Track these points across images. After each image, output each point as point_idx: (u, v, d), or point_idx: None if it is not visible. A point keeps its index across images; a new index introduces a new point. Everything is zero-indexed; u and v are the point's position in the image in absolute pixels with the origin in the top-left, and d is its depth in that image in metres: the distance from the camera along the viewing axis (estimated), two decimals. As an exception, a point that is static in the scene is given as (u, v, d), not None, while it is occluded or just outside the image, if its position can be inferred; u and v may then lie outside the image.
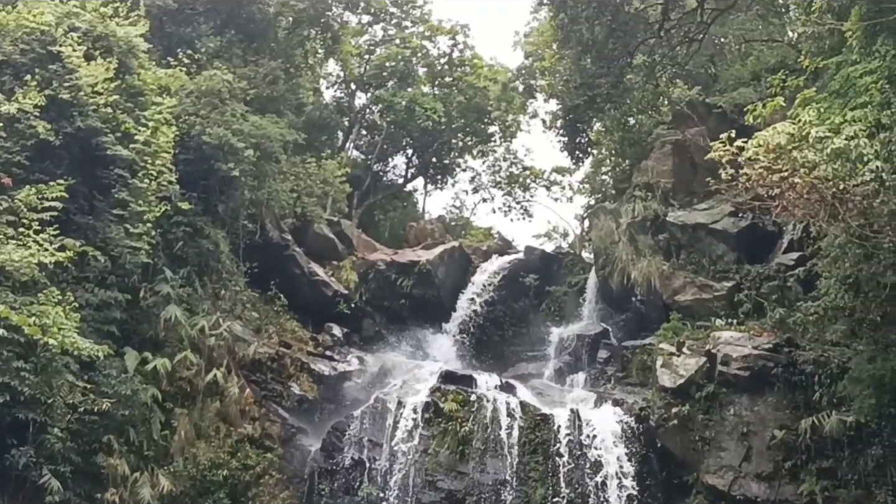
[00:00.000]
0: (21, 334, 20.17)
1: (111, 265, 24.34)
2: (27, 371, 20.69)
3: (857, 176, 17.70)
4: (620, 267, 33.80)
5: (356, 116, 50.98)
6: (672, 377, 26.78)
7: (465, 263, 39.01)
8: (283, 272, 33.46)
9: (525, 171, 56.34)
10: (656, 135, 36.32)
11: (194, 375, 26.70)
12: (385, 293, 37.16)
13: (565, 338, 35.06)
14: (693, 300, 30.93)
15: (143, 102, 26.83)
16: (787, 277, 28.85)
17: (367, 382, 31.24)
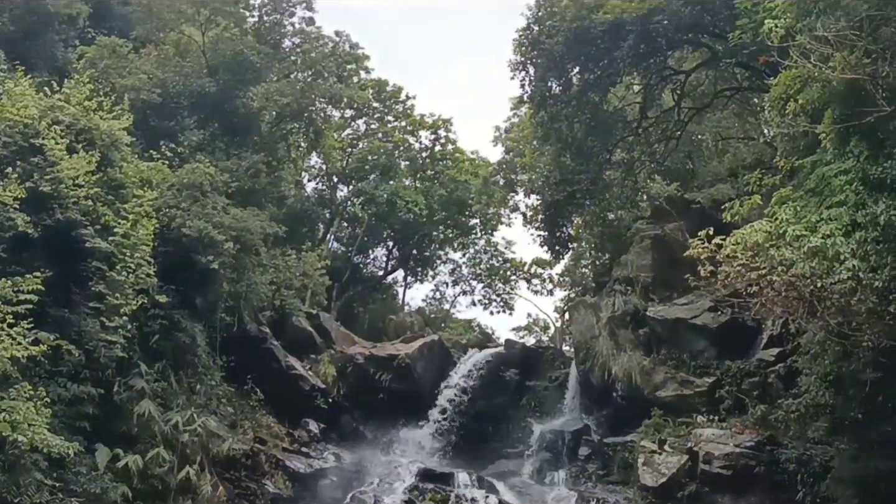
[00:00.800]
0: (-11, 431, 19.75)
1: (85, 359, 23.95)
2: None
3: (835, 274, 17.77)
4: (601, 362, 33.66)
5: (337, 209, 51.20)
6: (654, 476, 26.43)
7: (444, 357, 38.76)
8: (261, 366, 33.11)
9: (505, 264, 56.56)
10: (636, 229, 36.56)
11: (166, 473, 26.03)
12: (363, 388, 36.76)
13: (546, 434, 34.70)
14: (674, 396, 30.73)
15: (124, 195, 26.78)
16: (768, 374, 28.77)
17: (344, 480, 30.68)
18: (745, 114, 36.76)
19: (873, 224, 17.02)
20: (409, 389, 36.75)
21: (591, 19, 29.33)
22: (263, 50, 36.38)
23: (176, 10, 37.47)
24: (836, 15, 16.97)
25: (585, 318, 35.83)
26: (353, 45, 45.88)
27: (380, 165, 51.35)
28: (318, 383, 34.80)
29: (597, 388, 34.41)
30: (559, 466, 32.53)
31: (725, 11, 27.92)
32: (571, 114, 28.96)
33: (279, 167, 38.57)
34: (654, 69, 32.13)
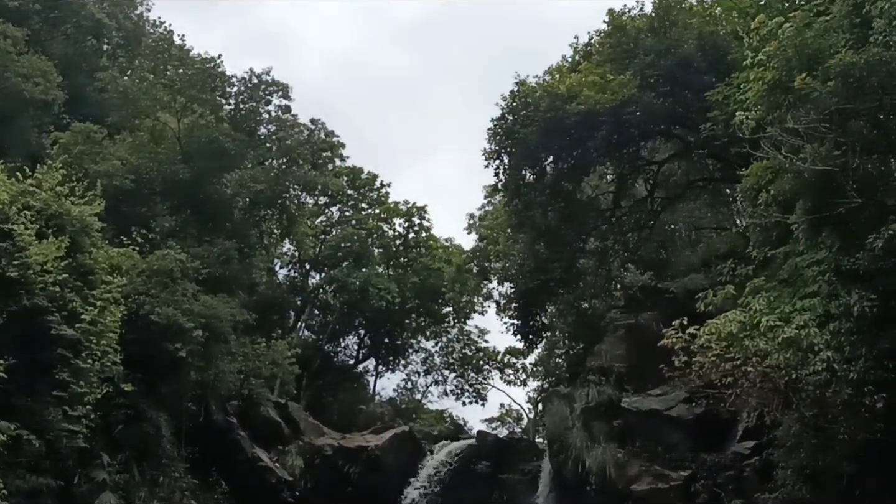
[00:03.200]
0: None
1: (46, 449, 23.34)
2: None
3: (809, 365, 17.72)
4: (574, 454, 33.10)
5: (309, 296, 50.88)
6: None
7: (415, 449, 38.12)
8: (227, 457, 32.40)
9: (479, 353, 56.20)
10: (609, 318, 36.47)
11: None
12: (331, 480, 35.94)
13: (519, 533, 33.99)
14: (649, 490, 30.17)
15: (93, 281, 26.50)
16: (744, 467, 28.33)
17: None
18: (717, 204, 37.12)
19: (847, 315, 17.02)
20: (379, 482, 36.00)
21: (565, 109, 29.68)
22: (238, 137, 36.50)
23: (152, 97, 37.67)
24: (807, 108, 17.23)
25: (559, 410, 35.36)
26: (329, 132, 46.23)
27: (353, 253, 51.24)
28: (285, 476, 34.06)
29: (570, 480, 33.77)
30: (533, 564, 31.78)
31: (697, 103, 28.36)
32: (545, 202, 29.12)
33: (251, 254, 38.38)
34: (628, 159, 32.47)
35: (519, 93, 32.03)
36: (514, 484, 36.94)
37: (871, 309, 16.56)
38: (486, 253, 46.85)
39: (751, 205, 20.10)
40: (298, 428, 37.28)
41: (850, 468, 20.62)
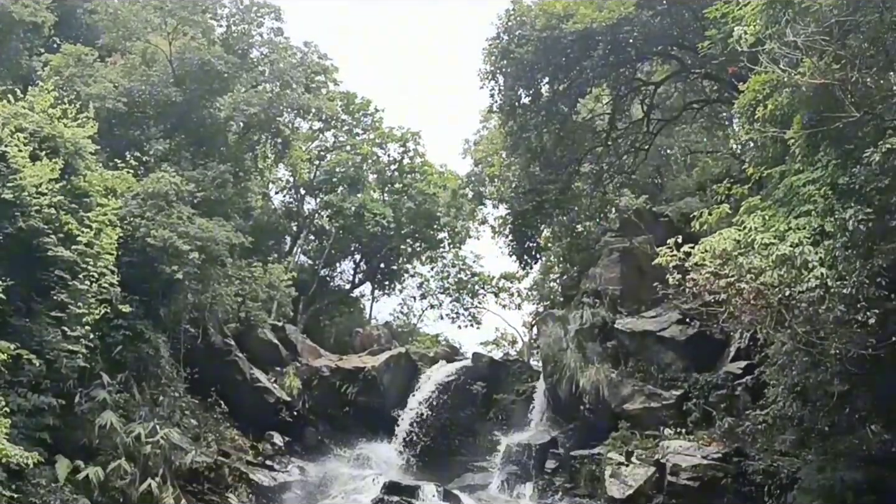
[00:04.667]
0: (-53, 441, 19.32)
1: (46, 369, 23.57)
2: (-47, 485, 19.74)
3: (803, 283, 17.80)
4: (568, 375, 33.50)
5: (304, 221, 50.87)
6: (621, 488, 26.34)
7: (411, 370, 38.49)
8: (225, 378, 32.73)
9: (474, 278, 56.46)
10: (604, 242, 36.57)
11: (128, 485, 25.60)
12: (329, 400, 36.43)
13: (513, 447, 34.42)
14: (641, 409, 30.67)
15: (88, 204, 26.46)
16: (735, 386, 28.75)
17: (308, 493, 30.41)
18: (713, 127, 37.01)
19: (842, 231, 17.07)
20: (376, 402, 36.48)
21: (561, 29, 29.37)
22: (231, 60, 36.07)
23: (143, 19, 37.10)
24: (806, 21, 17.05)
25: (553, 331, 35.69)
26: (322, 55, 45.67)
27: (348, 178, 51.12)
28: (283, 396, 34.45)
29: (564, 401, 34.25)
30: (526, 480, 32.30)
31: (694, 24, 28.09)
32: (540, 124, 28.98)
33: (246, 178, 38.25)
34: (624, 80, 32.23)
35: (514, 11, 31.65)
36: (508, 404, 37.44)
37: (867, 224, 16.61)
38: (482, 178, 46.80)
39: (748, 121, 19.99)
40: (296, 350, 37.62)
41: (841, 386, 20.92)
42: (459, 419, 36.90)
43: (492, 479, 33.42)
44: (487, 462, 34.88)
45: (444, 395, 37.09)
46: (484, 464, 34.95)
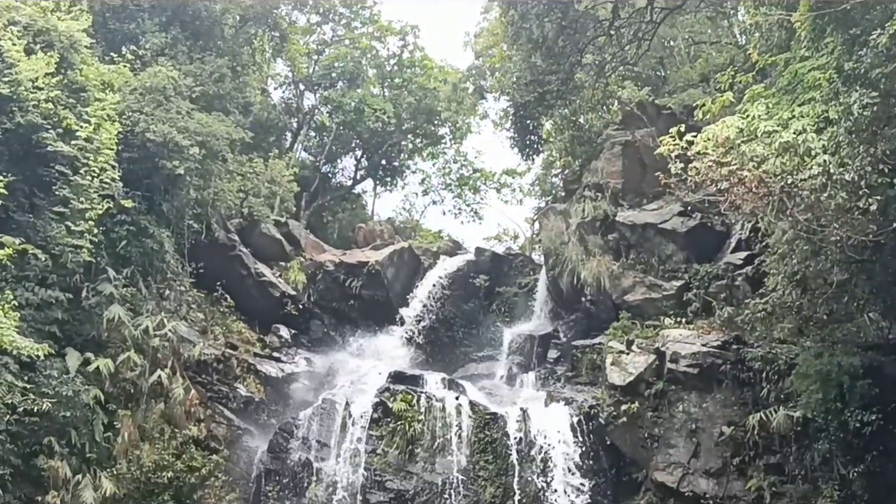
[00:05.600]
0: (-43, 333, 19.60)
1: (52, 264, 23.76)
2: (-37, 371, 20.11)
3: (805, 170, 17.76)
4: (570, 267, 33.77)
5: (304, 117, 50.50)
6: (621, 375, 26.80)
7: (414, 264, 38.77)
8: (230, 273, 32.97)
9: (475, 174, 56.40)
10: (606, 135, 36.39)
11: (138, 376, 26.13)
12: (333, 294, 36.79)
13: (515, 338, 35.02)
14: (642, 299, 31.00)
15: (86, 98, 26.27)
16: (735, 276, 29.00)
17: (315, 383, 30.94)
18: (717, 17, 36.32)
19: (846, 115, 16.95)
20: (380, 296, 36.84)
21: None
22: (224, -51, 35.29)
23: None
24: None
25: (555, 225, 35.83)
26: (317, -56, 44.75)
27: (347, 73, 50.57)
28: (289, 290, 34.75)
29: (566, 293, 34.62)
30: (528, 369, 32.93)
31: None
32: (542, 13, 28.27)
33: (244, 73, 37.77)
34: (627, -34, 31.41)
35: None
36: (511, 297, 37.86)
37: (871, 108, 16.45)
38: (482, 71, 46.24)
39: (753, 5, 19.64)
40: (299, 245, 37.79)
41: (840, 275, 21.14)
42: (463, 312, 37.36)
43: (495, 369, 34.04)
44: (491, 353, 35.45)
45: (447, 289, 37.48)
46: (487, 354, 35.53)
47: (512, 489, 25.66)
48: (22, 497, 22.72)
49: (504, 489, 25.82)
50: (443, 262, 39.07)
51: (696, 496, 24.57)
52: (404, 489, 26.16)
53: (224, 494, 26.65)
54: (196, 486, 26.35)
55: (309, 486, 26.54)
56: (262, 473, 27.24)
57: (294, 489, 26.79)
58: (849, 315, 22.47)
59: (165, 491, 25.78)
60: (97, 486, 23.97)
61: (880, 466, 21.80)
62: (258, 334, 32.73)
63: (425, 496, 26.00)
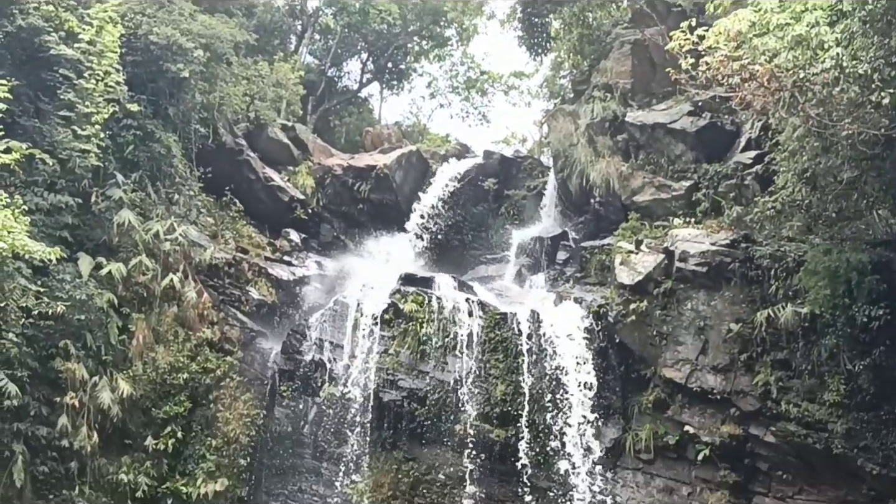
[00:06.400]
0: (-32, 238, 19.74)
1: (60, 169, 23.83)
2: (-23, 275, 20.32)
3: (817, 64, 17.57)
4: (579, 169, 33.61)
5: (308, 20, 49.64)
6: (630, 274, 26.88)
7: (423, 168, 38.63)
8: (238, 178, 32.95)
9: (482, 76, 55.74)
10: (615, 34, 35.77)
11: (150, 280, 26.38)
12: (342, 198, 36.81)
13: (524, 240, 35.02)
14: (651, 200, 30.88)
15: (87, 0, 25.93)
16: (745, 176, 28.80)
17: (327, 287, 31.19)
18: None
19: (861, 6, 16.65)
20: (388, 199, 36.84)
21: None
22: None
23: None
24: None
25: (564, 126, 35.52)
26: None
27: (350, -28, 49.60)
28: (297, 194, 34.76)
29: (575, 195, 34.54)
30: (538, 270, 33.05)
31: None
32: None
33: (246, -28, 37.18)
34: None
35: None
36: (520, 199, 37.79)
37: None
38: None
39: None
40: (307, 149, 37.63)
41: (850, 172, 21.03)
42: (472, 215, 37.35)
43: (504, 271, 34.21)
44: (500, 255, 35.59)
45: (456, 192, 37.36)
46: (496, 257, 35.68)
47: (522, 387, 26.04)
48: (41, 398, 23.24)
49: (514, 387, 26.18)
50: (451, 166, 38.82)
51: (704, 391, 24.90)
52: (417, 388, 26.60)
53: (239, 395, 27.10)
54: (211, 386, 26.85)
55: (323, 386, 26.98)
56: (276, 374, 27.66)
57: (308, 389, 27.27)
58: (858, 212, 22.40)
59: (181, 392, 26.30)
60: (114, 387, 24.47)
61: (886, 360, 21.99)
62: (268, 239, 32.85)
63: (437, 394, 26.44)
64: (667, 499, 25.18)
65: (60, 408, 23.43)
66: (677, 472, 25.33)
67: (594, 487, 25.25)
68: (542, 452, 25.64)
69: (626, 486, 25.59)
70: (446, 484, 26.00)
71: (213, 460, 25.98)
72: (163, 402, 26.04)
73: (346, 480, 26.18)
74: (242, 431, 26.60)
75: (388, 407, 26.54)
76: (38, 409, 23.07)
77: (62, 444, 23.46)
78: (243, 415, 26.78)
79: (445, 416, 26.30)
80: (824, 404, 22.93)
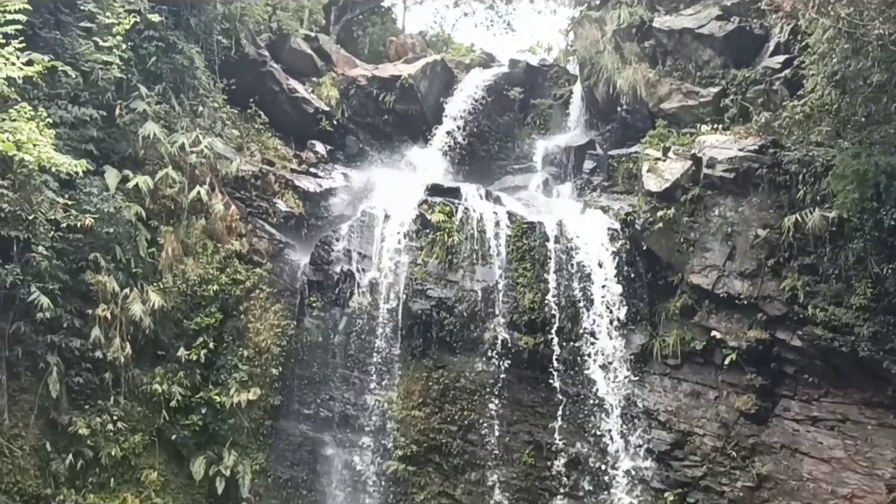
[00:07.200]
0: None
1: (83, 81, 23.86)
2: (5, 188, 20.54)
3: (849, -40, 17.12)
4: (606, 76, 33.18)
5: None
6: (657, 181, 26.73)
7: (447, 77, 38.17)
8: (262, 89, 32.78)
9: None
10: (644, -63, 34.83)
11: (177, 193, 26.56)
12: (367, 109, 36.55)
13: (551, 150, 34.81)
14: (679, 107, 30.50)
15: None
16: (773, 80, 28.34)
17: (353, 198, 31.22)
18: None
19: None
20: (414, 110, 36.52)
21: None
22: None
23: None
24: None
25: (590, 33, 34.92)
26: None
27: None
28: (322, 106, 34.54)
29: (601, 103, 34.16)
30: (564, 180, 32.94)
31: None
32: None
33: None
34: None
35: None
36: (546, 108, 37.41)
37: None
38: None
39: None
40: (331, 60, 37.24)
41: (880, 75, 20.72)
42: (497, 125, 37.04)
43: (531, 181, 34.05)
44: (526, 165, 35.42)
45: (481, 102, 36.96)
46: (523, 167, 35.50)
47: (549, 295, 26.18)
48: (73, 311, 23.72)
49: (542, 295, 26.37)
50: (476, 75, 38.35)
51: (731, 297, 24.92)
52: (445, 297, 26.85)
53: (269, 306, 27.50)
54: (241, 298, 27.25)
55: (352, 296, 27.30)
56: (305, 285, 28.00)
57: (337, 300, 27.63)
58: (887, 116, 22.02)
59: (212, 303, 26.70)
60: (145, 299, 24.87)
61: (914, 263, 21.91)
62: (294, 151, 32.79)
63: (466, 303, 26.71)
64: (693, 402, 25.47)
65: (93, 320, 23.91)
66: (704, 377, 25.57)
67: (622, 393, 25.61)
68: (570, 359, 26.00)
69: (653, 391, 25.89)
70: (475, 391, 26.47)
71: (245, 370, 26.52)
72: (194, 314, 26.47)
73: (377, 389, 26.64)
74: (273, 342, 27.09)
75: (417, 316, 26.88)
76: (70, 322, 23.56)
77: (96, 356, 24.03)
78: (274, 325, 27.22)
79: (474, 324, 26.61)
80: (851, 308, 22.90)
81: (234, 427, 26.30)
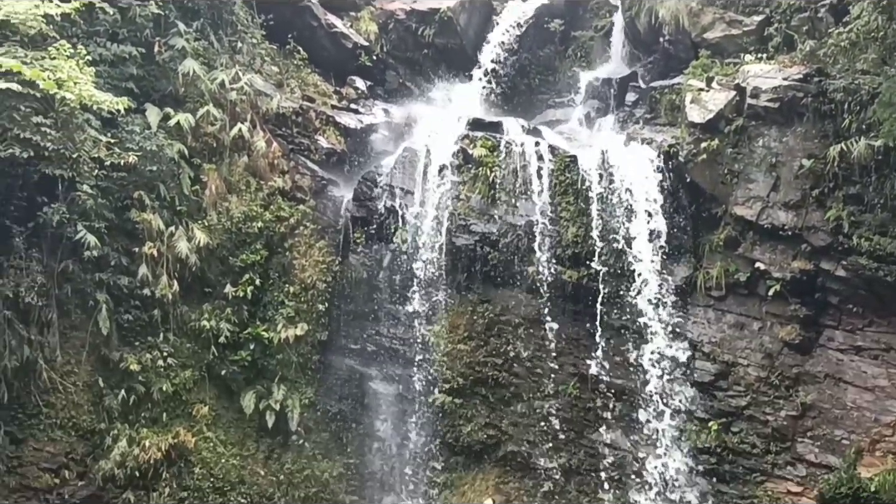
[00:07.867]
0: (36, 89, 20.14)
1: (121, 18, 24.01)
2: (48, 126, 20.74)
3: None
4: (647, 6, 32.58)
5: None
6: (701, 112, 26.37)
7: (487, 10, 37.58)
8: (300, 24, 32.51)
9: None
10: None
11: (219, 130, 26.71)
12: (406, 44, 36.14)
13: (593, 83, 34.32)
14: (722, 37, 29.95)
15: None
16: (819, 8, 27.64)
17: (395, 134, 31.11)
18: None
19: None
20: (453, 44, 36.06)
21: None
22: None
23: None
24: None
25: (631, -38, 34.25)
26: None
27: None
28: (361, 41, 34.24)
29: (643, 33, 33.58)
30: (606, 113, 32.50)
31: None
32: None
33: None
34: None
35: None
36: (587, 41, 36.79)
37: None
38: None
39: None
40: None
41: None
42: (538, 57, 36.51)
43: (572, 115, 33.71)
44: (568, 98, 35.02)
45: (521, 35, 36.47)
46: (564, 100, 35.11)
47: (593, 228, 26.17)
48: (119, 249, 24.16)
49: (586, 228, 26.41)
50: (516, 7, 37.73)
51: (775, 228, 24.70)
52: (489, 231, 26.96)
53: (314, 242, 27.76)
54: (286, 234, 27.52)
55: (396, 232, 27.47)
56: (348, 221, 28.19)
57: (381, 235, 27.82)
58: (935, 42, 21.57)
59: (257, 240, 27.03)
60: (190, 236, 25.23)
61: (960, 191, 21.54)
62: (334, 87, 32.64)
63: (509, 238, 26.82)
64: (737, 333, 25.43)
65: (139, 258, 24.37)
66: (748, 308, 25.48)
67: (666, 324, 25.61)
68: (614, 292, 26.05)
69: (697, 323, 25.87)
70: (520, 324, 26.64)
71: (291, 306, 26.88)
72: (239, 251, 26.81)
73: (423, 323, 26.88)
74: (319, 278, 27.40)
75: (460, 251, 27.02)
76: (118, 260, 24.01)
77: (144, 293, 24.52)
78: (319, 262, 27.50)
79: (518, 258, 26.71)
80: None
81: (282, 362, 26.74)
